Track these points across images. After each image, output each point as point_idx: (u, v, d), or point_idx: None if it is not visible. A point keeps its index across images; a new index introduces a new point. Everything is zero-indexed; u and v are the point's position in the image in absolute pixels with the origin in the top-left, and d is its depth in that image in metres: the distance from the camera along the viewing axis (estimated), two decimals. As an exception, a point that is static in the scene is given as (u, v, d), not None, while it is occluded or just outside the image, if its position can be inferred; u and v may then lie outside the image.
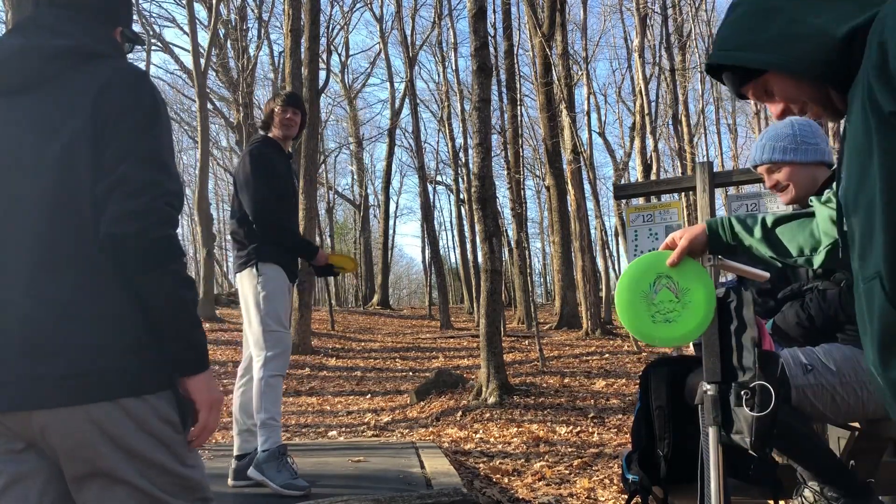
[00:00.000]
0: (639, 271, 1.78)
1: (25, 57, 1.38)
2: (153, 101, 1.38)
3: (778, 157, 2.34)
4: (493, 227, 7.90)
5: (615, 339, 13.72)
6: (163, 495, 1.34)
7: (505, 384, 7.54)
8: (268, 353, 3.41)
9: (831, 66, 1.18)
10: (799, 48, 1.20)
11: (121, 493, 1.31)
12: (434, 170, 30.90)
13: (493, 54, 14.39)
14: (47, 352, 1.26)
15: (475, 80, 7.95)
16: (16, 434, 1.31)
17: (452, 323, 19.99)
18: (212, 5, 19.63)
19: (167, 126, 1.40)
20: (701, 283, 1.74)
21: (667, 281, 1.75)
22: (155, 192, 1.30)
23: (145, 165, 1.32)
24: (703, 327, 1.73)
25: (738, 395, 1.73)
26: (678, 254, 1.75)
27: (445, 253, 36.87)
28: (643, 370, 2.33)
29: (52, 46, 1.38)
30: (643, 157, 14.14)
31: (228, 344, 14.77)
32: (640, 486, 2.19)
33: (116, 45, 1.49)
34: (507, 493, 4.08)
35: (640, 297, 1.75)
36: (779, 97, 1.30)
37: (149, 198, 1.29)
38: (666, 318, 1.73)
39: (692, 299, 1.73)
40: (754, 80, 1.30)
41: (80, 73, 1.37)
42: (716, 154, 24.74)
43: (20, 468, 1.34)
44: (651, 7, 15.03)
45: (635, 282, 1.77)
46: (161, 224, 1.29)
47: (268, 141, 3.62)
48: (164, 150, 1.36)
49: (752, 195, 5.31)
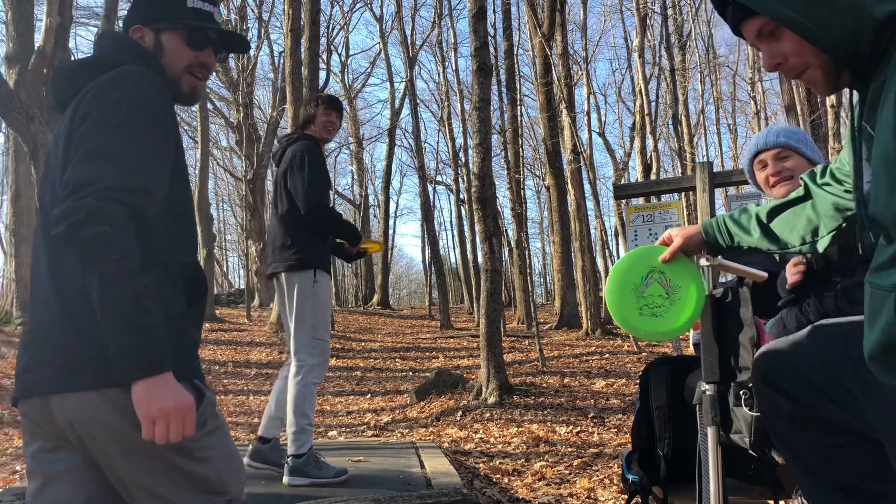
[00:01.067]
0: (633, 263, 1.79)
1: (65, 74, 1.50)
2: (122, 96, 1.36)
3: (794, 143, 2.30)
4: (493, 227, 7.90)
5: (615, 339, 13.72)
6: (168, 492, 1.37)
7: (505, 384, 7.54)
8: (313, 360, 3.48)
9: (859, 45, 1.13)
10: (834, 20, 1.14)
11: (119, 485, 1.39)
12: (434, 170, 30.93)
13: (493, 54, 14.39)
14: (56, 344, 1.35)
15: (475, 80, 7.95)
16: (45, 430, 1.40)
17: (452, 323, 19.99)
18: (212, 5, 19.62)
19: (141, 118, 1.36)
20: (693, 283, 1.74)
21: (659, 276, 1.76)
22: (86, 189, 1.26)
23: (85, 163, 1.30)
24: (688, 327, 1.75)
25: (736, 395, 1.74)
26: (671, 252, 1.75)
27: (445, 253, 36.91)
28: (643, 370, 2.33)
29: (78, 62, 1.48)
30: (643, 157, 14.13)
31: (228, 344, 14.76)
32: (640, 486, 2.19)
33: (137, 52, 1.52)
34: (507, 493, 4.09)
35: (630, 287, 1.77)
36: (787, 51, 1.24)
37: (77, 196, 1.26)
38: (653, 312, 1.74)
39: (681, 297, 1.74)
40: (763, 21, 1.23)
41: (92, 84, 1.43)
42: (716, 154, 24.76)
43: (55, 467, 1.41)
44: (651, 7, 15.02)
45: (628, 272, 1.78)
46: (86, 222, 1.24)
47: (314, 140, 3.70)
48: (117, 143, 1.31)
49: (752, 195, 5.30)
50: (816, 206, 1.60)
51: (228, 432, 1.52)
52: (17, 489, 3.72)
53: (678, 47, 18.96)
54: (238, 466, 1.50)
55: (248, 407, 8.61)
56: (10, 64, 12.34)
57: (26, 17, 13.72)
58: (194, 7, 1.55)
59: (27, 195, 14.06)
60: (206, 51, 1.57)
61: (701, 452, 1.83)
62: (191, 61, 1.55)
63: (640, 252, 1.81)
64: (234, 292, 29.58)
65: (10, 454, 5.86)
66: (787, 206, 1.67)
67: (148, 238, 1.33)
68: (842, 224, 1.55)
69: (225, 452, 1.46)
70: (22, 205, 14.56)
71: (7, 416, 7.74)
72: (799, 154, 2.31)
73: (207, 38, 1.57)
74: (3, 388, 9.04)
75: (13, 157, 15.04)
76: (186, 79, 1.56)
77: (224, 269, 32.80)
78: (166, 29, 1.54)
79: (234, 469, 1.47)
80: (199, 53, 1.56)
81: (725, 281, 2.00)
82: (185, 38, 1.54)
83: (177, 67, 1.55)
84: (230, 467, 1.46)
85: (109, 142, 1.32)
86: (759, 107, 18.67)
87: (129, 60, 1.46)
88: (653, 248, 1.79)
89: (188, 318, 1.47)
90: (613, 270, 1.83)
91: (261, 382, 10.20)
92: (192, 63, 1.56)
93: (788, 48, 1.24)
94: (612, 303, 1.78)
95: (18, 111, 10.25)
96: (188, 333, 1.47)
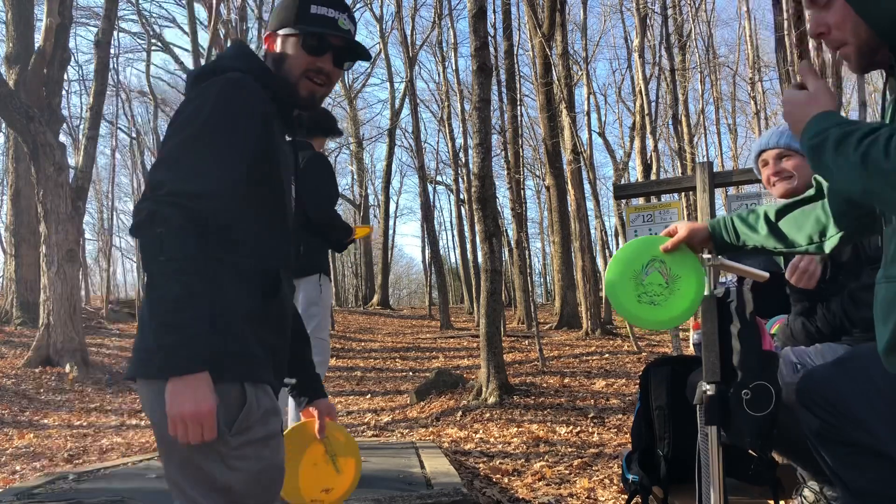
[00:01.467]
0: (635, 251, 1.80)
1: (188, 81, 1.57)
2: (203, 104, 1.41)
3: (795, 145, 2.35)
4: (493, 227, 7.90)
5: (615, 339, 13.71)
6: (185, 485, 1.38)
7: (505, 384, 7.54)
8: (315, 358, 3.51)
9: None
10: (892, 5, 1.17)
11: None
12: (434, 170, 30.95)
13: (493, 54, 14.37)
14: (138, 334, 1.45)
15: (475, 80, 7.95)
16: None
17: (452, 323, 19.99)
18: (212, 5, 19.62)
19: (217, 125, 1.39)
20: (693, 274, 1.75)
21: (659, 265, 1.77)
22: (151, 193, 1.33)
23: (155, 168, 1.38)
24: (686, 317, 1.75)
25: (737, 396, 1.73)
26: (674, 242, 1.75)
27: (445, 253, 36.92)
28: (643, 370, 2.33)
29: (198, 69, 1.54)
30: (643, 157, 14.12)
31: (228, 344, 14.75)
32: (640, 486, 2.19)
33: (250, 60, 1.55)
34: (507, 493, 4.09)
35: (630, 275, 1.77)
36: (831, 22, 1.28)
37: (143, 199, 1.34)
38: (651, 300, 1.75)
39: (681, 287, 1.74)
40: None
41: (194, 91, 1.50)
42: (716, 154, 24.74)
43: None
44: (651, 7, 15.02)
45: (629, 260, 1.79)
46: (144, 224, 1.31)
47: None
48: (184, 150, 1.37)
49: (751, 195, 5.31)
50: (827, 206, 1.60)
51: (280, 444, 1.48)
52: (17, 489, 3.72)
53: (678, 47, 18.95)
54: (270, 482, 1.44)
55: (248, 407, 8.61)
56: (10, 64, 12.34)
57: (26, 17, 13.73)
58: (317, 13, 1.56)
59: (27, 195, 14.05)
60: (324, 56, 1.57)
61: (701, 452, 1.83)
62: (307, 66, 1.56)
63: (644, 241, 1.81)
64: (234, 292, 29.56)
65: (10, 454, 5.85)
66: (797, 205, 1.67)
67: (217, 237, 1.37)
68: (853, 224, 1.56)
69: (262, 465, 1.41)
70: (22, 205, 14.55)
71: (7, 415, 7.74)
72: (800, 155, 2.34)
73: (327, 44, 1.57)
74: (2, 388, 9.05)
75: (13, 157, 15.03)
76: (304, 84, 1.57)
77: (224, 269, 32.77)
78: (289, 35, 1.57)
79: (264, 484, 1.42)
80: (317, 59, 1.56)
81: (726, 281, 2.00)
82: (302, 43, 1.55)
83: (294, 72, 1.56)
84: (261, 481, 1.41)
85: (178, 148, 1.38)
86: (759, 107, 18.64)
87: (239, 67, 1.50)
88: (656, 238, 1.80)
89: (258, 318, 1.46)
90: (615, 257, 1.83)
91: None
92: (309, 68, 1.56)
93: (832, 20, 1.27)
94: (611, 289, 1.78)
95: (18, 111, 10.25)
96: (257, 334, 1.45)
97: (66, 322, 10.26)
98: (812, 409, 1.60)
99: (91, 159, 11.58)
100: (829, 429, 1.56)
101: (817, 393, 1.61)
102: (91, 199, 24.70)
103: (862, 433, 1.50)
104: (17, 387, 9.20)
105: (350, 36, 1.59)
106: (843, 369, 1.60)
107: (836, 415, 1.55)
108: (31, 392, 9.07)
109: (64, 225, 10.36)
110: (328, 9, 1.57)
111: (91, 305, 19.98)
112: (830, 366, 1.65)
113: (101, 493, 3.47)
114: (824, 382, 1.61)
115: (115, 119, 25.77)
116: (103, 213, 29.14)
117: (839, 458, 1.56)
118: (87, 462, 5.40)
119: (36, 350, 10.40)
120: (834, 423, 1.55)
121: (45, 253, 10.38)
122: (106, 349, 12.89)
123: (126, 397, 9.20)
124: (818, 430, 1.58)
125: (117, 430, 7.10)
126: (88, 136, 11.33)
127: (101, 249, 28.70)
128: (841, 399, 1.55)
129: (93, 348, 12.04)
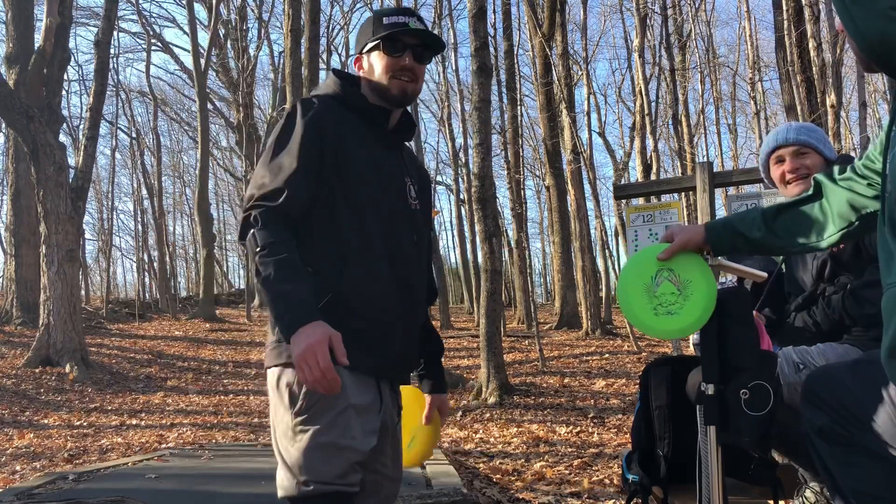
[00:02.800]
0: (640, 265, 1.79)
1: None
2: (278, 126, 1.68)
3: (813, 142, 2.29)
4: (493, 227, 7.90)
5: (615, 339, 13.72)
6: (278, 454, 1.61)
7: (505, 384, 7.54)
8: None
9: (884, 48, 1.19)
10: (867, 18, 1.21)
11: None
12: (434, 170, 30.91)
13: (493, 54, 14.39)
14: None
15: (475, 80, 7.95)
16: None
17: (452, 323, 19.98)
18: (212, 6, 19.63)
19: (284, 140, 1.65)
20: (701, 274, 1.74)
21: (668, 274, 1.75)
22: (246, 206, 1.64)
23: (251, 185, 1.66)
24: (706, 318, 1.73)
25: (736, 395, 1.73)
26: (668, 253, 1.75)
27: (445, 253, 36.85)
28: (643, 370, 2.33)
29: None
30: (643, 157, 14.13)
31: (228, 344, 14.78)
32: (640, 486, 2.18)
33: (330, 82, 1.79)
34: (507, 493, 4.08)
35: (642, 290, 1.76)
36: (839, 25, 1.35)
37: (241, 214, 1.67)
38: (668, 310, 1.73)
39: (694, 291, 1.73)
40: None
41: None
42: (716, 154, 24.73)
43: None
44: (651, 7, 15.03)
45: (637, 275, 1.78)
46: (243, 229, 1.63)
47: None
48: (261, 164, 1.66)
49: (752, 195, 5.31)
50: (828, 205, 1.60)
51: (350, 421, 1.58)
52: (17, 489, 3.72)
53: (678, 47, 18.95)
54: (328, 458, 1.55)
55: (249, 407, 8.61)
56: (9, 64, 12.34)
57: (26, 17, 13.73)
58: (389, 22, 1.76)
59: (27, 195, 14.05)
60: (404, 55, 1.75)
61: (701, 452, 1.83)
62: (391, 67, 1.75)
63: (645, 253, 1.80)
64: (234, 292, 29.59)
65: (10, 454, 5.85)
66: (795, 205, 1.68)
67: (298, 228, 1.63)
68: (854, 223, 1.56)
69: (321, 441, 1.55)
70: (22, 205, 14.55)
71: (7, 416, 7.74)
72: (817, 153, 2.30)
73: (404, 44, 1.75)
74: (2, 388, 9.05)
75: (13, 157, 15.04)
76: (394, 84, 1.75)
77: (224, 269, 32.83)
78: (371, 49, 1.78)
79: (320, 458, 1.54)
80: (398, 59, 1.74)
81: (725, 281, 1.99)
82: (383, 48, 1.75)
83: (382, 77, 1.76)
84: (317, 456, 1.54)
85: (259, 164, 1.68)
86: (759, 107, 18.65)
87: (318, 92, 1.77)
88: (657, 247, 1.79)
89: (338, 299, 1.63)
90: (621, 276, 1.82)
91: (261, 382, 10.19)
92: (394, 68, 1.75)
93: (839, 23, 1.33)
94: (626, 307, 1.77)
95: (18, 111, 10.25)
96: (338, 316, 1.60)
97: (66, 322, 10.26)
98: (820, 408, 1.60)
99: (91, 159, 11.59)
100: (835, 429, 1.56)
101: (828, 392, 1.60)
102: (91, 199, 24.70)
103: (869, 436, 1.50)
104: (17, 387, 9.20)
105: (422, 34, 1.77)
106: (857, 373, 1.59)
107: (845, 416, 1.55)
108: (31, 392, 9.07)
109: (64, 225, 10.36)
110: (398, 17, 1.77)
111: (91, 305, 19.98)
112: (844, 367, 1.64)
113: (101, 493, 3.47)
114: (836, 383, 1.61)
115: (115, 119, 25.75)
116: (103, 213, 29.10)
117: (839, 459, 1.56)
118: (87, 462, 5.40)
119: (36, 350, 10.40)
120: (841, 423, 1.55)
121: (45, 253, 10.38)
122: (106, 349, 12.89)
123: (126, 397, 9.20)
124: (822, 429, 1.58)
125: (117, 430, 7.10)
126: (88, 136, 11.33)
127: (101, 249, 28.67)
128: (853, 401, 1.54)
129: (93, 348, 12.04)
